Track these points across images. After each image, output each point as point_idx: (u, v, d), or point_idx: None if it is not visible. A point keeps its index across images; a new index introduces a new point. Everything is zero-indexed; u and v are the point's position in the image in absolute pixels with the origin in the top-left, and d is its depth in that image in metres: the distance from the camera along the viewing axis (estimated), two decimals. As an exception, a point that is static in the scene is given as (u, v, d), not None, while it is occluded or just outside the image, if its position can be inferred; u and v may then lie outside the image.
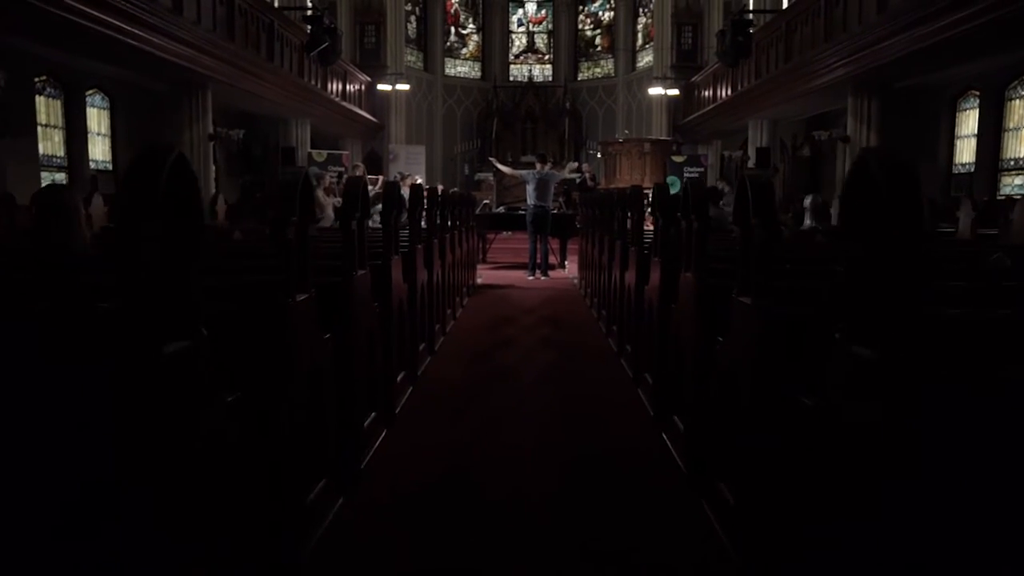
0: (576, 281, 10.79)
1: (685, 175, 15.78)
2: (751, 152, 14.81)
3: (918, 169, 1.53)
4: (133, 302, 1.50)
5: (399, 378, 4.37)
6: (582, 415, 4.36)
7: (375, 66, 18.47)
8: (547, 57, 23.58)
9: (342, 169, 15.03)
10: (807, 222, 10.16)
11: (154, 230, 1.50)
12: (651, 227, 5.66)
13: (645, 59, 21.08)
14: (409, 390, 4.65)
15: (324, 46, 11.62)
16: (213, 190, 10.49)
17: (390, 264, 4.06)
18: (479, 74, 23.10)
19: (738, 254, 2.61)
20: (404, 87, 18.67)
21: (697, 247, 3.27)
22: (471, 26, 23.20)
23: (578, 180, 16.96)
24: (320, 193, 13.36)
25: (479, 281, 10.78)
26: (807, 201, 10.51)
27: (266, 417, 2.25)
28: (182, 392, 1.60)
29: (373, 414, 3.64)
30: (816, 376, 1.79)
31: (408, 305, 4.63)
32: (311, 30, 11.68)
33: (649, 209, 5.78)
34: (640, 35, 21.53)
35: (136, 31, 7.94)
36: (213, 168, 10.65)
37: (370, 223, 4.23)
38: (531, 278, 10.87)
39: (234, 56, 10.27)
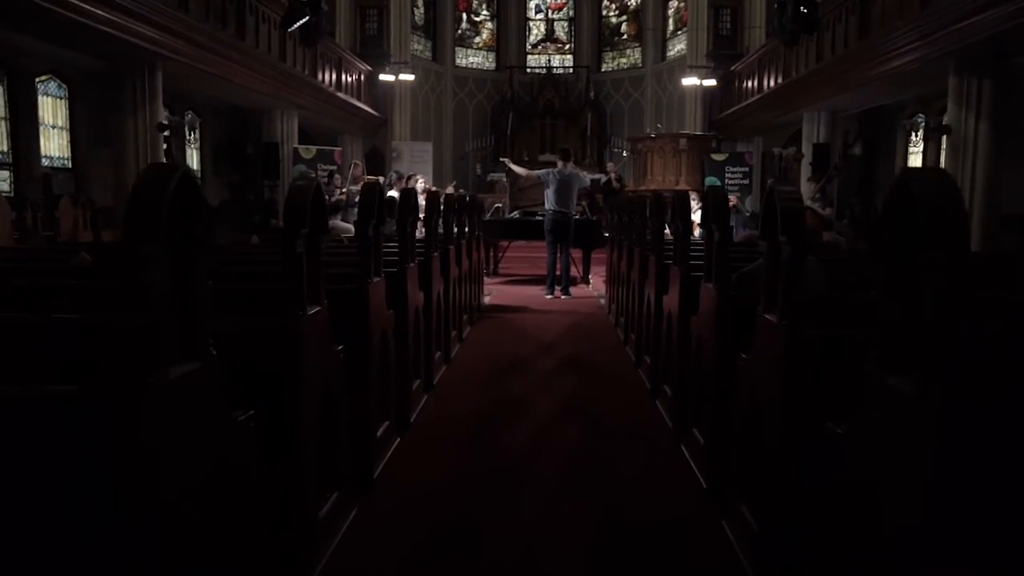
0: (603, 301, 9.10)
1: (727, 176, 13.75)
2: (805, 148, 12.75)
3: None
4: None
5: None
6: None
7: (377, 55, 16.63)
8: (568, 46, 21.51)
9: (334, 167, 13.18)
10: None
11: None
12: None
13: (676, 47, 19.03)
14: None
15: (305, 21, 9.74)
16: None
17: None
18: (493, 65, 21.10)
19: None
20: (408, 77, 16.79)
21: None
22: (484, 13, 21.21)
23: (603, 181, 15.04)
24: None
25: (487, 300, 9.05)
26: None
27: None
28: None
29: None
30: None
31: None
32: (288, 1, 9.80)
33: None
34: (671, 20, 19.47)
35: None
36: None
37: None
38: (549, 297, 9.18)
39: (189, 29, 8.43)
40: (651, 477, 3.53)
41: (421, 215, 5.64)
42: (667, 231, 5.43)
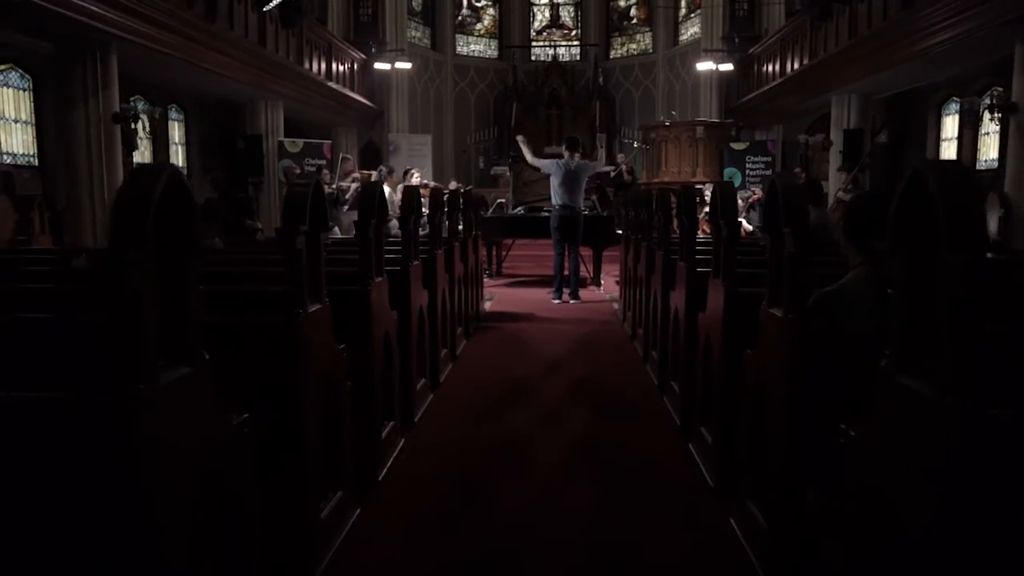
0: (616, 306, 8.27)
1: (748, 167, 12.70)
2: (834, 135, 11.68)
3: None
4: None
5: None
6: None
7: (372, 42, 15.65)
8: (574, 33, 20.44)
9: (323, 162, 12.22)
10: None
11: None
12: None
13: (690, 30, 17.95)
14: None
15: (283, 0, 8.74)
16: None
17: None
18: (496, 53, 20.04)
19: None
20: (405, 65, 15.79)
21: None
22: (486, -2, 20.20)
23: (613, 173, 14.00)
24: (289, 192, 10.65)
25: (487, 306, 8.23)
26: None
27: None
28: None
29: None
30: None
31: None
32: (263, -23, 8.83)
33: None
34: (684, 3, 18.37)
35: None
36: (121, 158, 7.80)
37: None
38: (557, 302, 8.34)
39: (147, 6, 7.47)
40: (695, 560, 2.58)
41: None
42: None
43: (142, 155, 13.24)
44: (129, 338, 1.42)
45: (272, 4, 8.76)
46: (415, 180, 10.12)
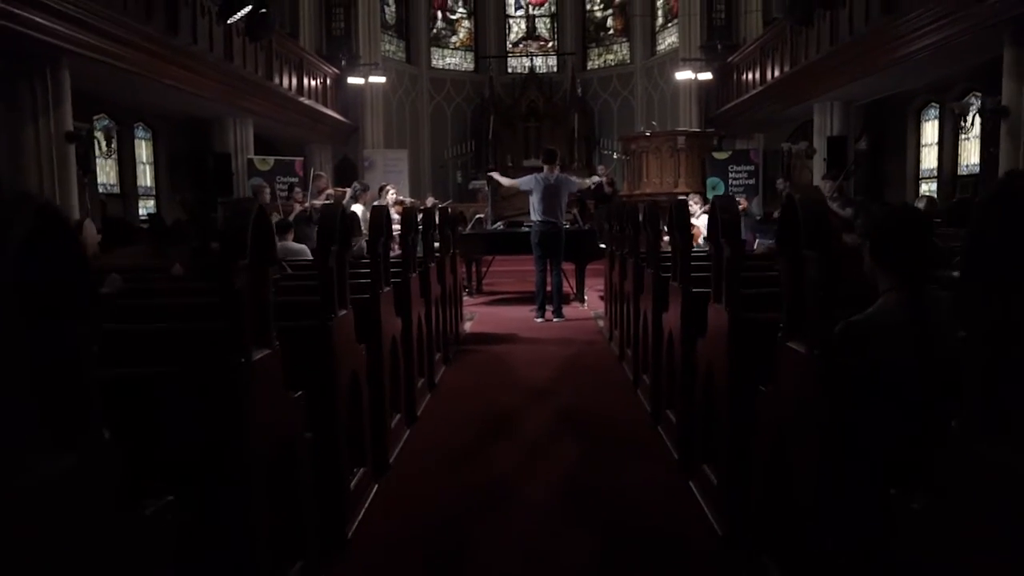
0: (601, 324, 7.98)
1: (731, 177, 12.47)
2: (818, 143, 11.48)
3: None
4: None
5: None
6: None
7: (345, 56, 15.30)
8: (551, 44, 20.20)
9: (294, 180, 11.82)
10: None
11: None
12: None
13: (667, 40, 17.78)
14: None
15: (248, 12, 8.37)
16: (77, 211, 7.24)
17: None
18: (472, 66, 19.74)
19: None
20: (379, 79, 15.44)
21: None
22: (461, 10, 19.86)
23: (593, 186, 13.71)
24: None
25: (468, 327, 7.96)
26: (918, 206, 7.85)
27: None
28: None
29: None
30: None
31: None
32: (226, -12, 8.45)
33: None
34: (660, 12, 18.22)
35: None
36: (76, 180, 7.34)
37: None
38: (540, 321, 8.04)
39: (101, 19, 7.08)
40: None
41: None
42: (666, 239, 5.03)
43: (106, 175, 12.83)
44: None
45: (237, 16, 8.37)
46: (390, 197, 9.75)
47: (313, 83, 13.79)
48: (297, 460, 2.40)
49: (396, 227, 5.20)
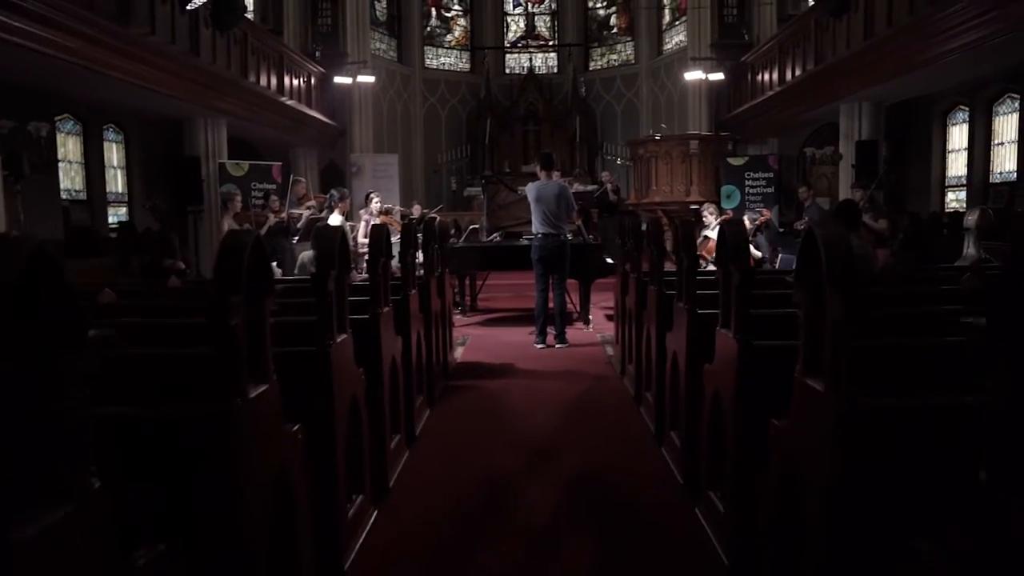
0: (609, 350, 7.09)
1: (748, 184, 11.47)
2: (845, 147, 10.49)
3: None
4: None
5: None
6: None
7: (332, 55, 14.32)
8: (551, 43, 19.23)
9: (271, 187, 10.81)
10: (969, 250, 6.68)
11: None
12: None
13: (675, 39, 16.83)
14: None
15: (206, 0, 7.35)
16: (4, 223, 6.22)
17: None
18: (468, 66, 18.76)
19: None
20: (367, 79, 14.45)
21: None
22: (457, 7, 18.88)
23: (597, 193, 12.72)
24: (228, 221, 9.21)
25: (459, 354, 7.09)
26: (969, 219, 6.72)
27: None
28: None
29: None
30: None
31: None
32: (185, -29, 7.42)
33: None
34: (668, 9, 17.26)
35: None
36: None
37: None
38: (540, 347, 7.19)
39: (37, 4, 6.07)
40: None
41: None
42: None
43: (72, 181, 11.84)
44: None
45: (197, 4, 7.37)
46: (375, 206, 8.77)
47: (296, 82, 12.79)
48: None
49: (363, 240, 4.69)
